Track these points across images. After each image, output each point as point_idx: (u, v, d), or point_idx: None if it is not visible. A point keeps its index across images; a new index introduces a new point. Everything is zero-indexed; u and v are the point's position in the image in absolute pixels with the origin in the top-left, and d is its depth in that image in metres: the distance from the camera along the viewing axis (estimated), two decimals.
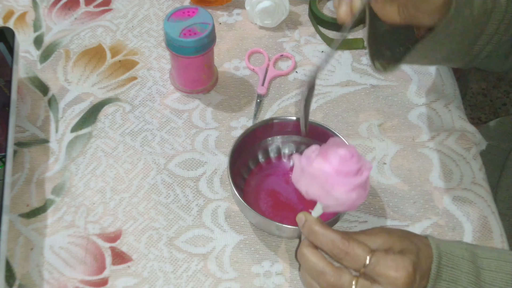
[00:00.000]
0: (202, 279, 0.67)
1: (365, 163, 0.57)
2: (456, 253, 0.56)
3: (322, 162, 0.56)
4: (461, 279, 0.54)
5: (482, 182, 0.74)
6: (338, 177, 0.56)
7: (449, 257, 0.55)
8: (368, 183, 0.58)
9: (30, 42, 0.86)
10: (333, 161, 0.56)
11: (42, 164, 0.75)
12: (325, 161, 0.56)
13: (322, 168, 0.56)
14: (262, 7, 0.85)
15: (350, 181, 0.56)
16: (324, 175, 0.56)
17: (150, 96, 0.81)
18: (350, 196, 0.56)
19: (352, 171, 0.56)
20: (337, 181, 0.56)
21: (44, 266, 0.68)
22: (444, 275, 0.54)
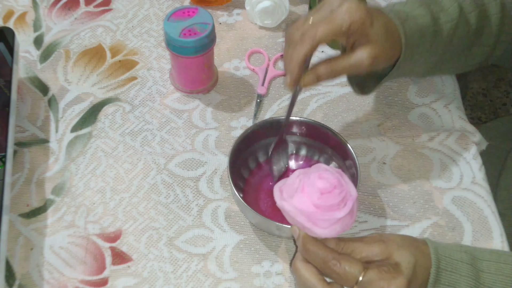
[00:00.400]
0: (202, 279, 0.67)
1: (349, 192, 0.56)
2: (455, 256, 0.55)
3: (302, 198, 0.55)
4: (460, 282, 0.54)
5: (482, 182, 0.74)
6: (319, 212, 0.54)
7: (448, 261, 0.55)
8: (354, 209, 0.56)
9: (30, 42, 0.86)
10: (313, 196, 0.54)
11: (42, 164, 0.75)
12: (305, 197, 0.55)
13: (301, 206, 0.55)
14: (262, 7, 0.85)
15: (332, 215, 0.54)
16: (304, 213, 0.55)
17: (150, 96, 0.81)
18: (334, 229, 0.55)
19: (334, 205, 0.54)
20: (319, 217, 0.54)
21: (44, 266, 0.68)
22: (443, 279, 0.54)
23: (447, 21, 0.65)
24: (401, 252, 0.54)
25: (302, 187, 0.55)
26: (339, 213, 0.54)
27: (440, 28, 0.65)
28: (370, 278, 0.52)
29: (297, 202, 0.55)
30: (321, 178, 0.55)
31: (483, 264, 0.56)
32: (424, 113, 0.80)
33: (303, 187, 0.55)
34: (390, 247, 0.54)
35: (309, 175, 0.56)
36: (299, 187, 0.56)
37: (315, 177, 0.55)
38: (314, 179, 0.55)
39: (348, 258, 0.54)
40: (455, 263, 0.55)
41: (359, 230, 0.70)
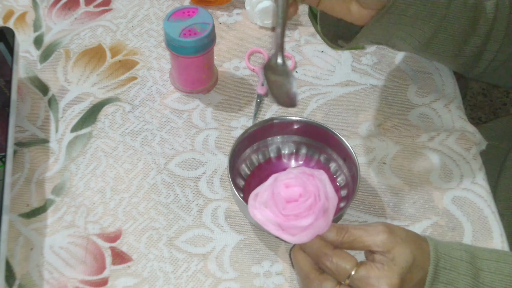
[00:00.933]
0: (202, 279, 0.67)
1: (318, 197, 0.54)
2: (455, 254, 0.55)
3: (272, 207, 0.54)
4: (458, 281, 0.54)
5: (482, 182, 0.74)
6: (287, 221, 0.54)
7: (447, 259, 0.55)
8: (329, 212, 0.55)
9: (30, 42, 0.86)
10: (279, 206, 0.54)
11: (42, 164, 0.75)
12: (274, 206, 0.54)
13: (270, 215, 0.54)
14: (262, 7, 0.85)
15: (299, 223, 0.53)
16: (273, 222, 0.54)
17: (150, 96, 0.81)
18: (303, 235, 0.54)
19: (301, 213, 0.53)
20: (287, 225, 0.54)
21: (44, 266, 0.68)
22: (442, 277, 0.54)
23: None
24: (402, 248, 0.54)
25: (271, 195, 0.55)
26: (305, 220, 0.54)
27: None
28: (362, 274, 0.53)
29: (267, 212, 0.55)
30: (287, 186, 0.54)
31: (483, 263, 0.56)
32: (424, 113, 0.80)
33: (272, 195, 0.55)
34: (393, 240, 0.54)
35: (277, 183, 0.55)
36: (269, 196, 0.55)
37: (281, 185, 0.55)
38: (280, 188, 0.55)
39: (341, 254, 0.54)
40: (454, 261, 0.55)
41: None
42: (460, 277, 0.54)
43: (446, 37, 0.67)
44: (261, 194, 0.56)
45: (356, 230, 0.55)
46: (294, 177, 0.55)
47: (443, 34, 0.66)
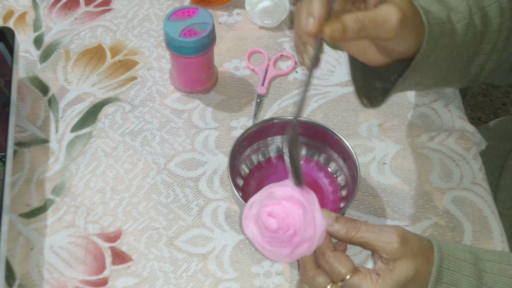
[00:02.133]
0: (202, 279, 0.67)
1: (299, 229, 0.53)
2: (458, 255, 0.55)
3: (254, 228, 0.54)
4: (462, 282, 0.54)
5: (482, 182, 0.74)
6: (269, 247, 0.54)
7: (451, 259, 0.55)
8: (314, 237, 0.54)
9: (30, 42, 0.86)
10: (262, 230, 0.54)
11: (42, 164, 0.75)
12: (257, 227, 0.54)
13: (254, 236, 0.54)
14: (262, 7, 0.85)
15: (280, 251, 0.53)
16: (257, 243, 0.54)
17: (150, 96, 0.81)
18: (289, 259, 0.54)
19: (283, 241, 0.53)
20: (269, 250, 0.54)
21: (44, 266, 0.68)
22: (445, 278, 0.54)
23: (459, 21, 0.61)
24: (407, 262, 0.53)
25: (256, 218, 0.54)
26: (285, 250, 0.54)
27: (454, 28, 0.61)
28: (355, 282, 0.53)
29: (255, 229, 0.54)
30: (269, 215, 0.53)
31: (486, 264, 0.55)
32: (424, 113, 0.80)
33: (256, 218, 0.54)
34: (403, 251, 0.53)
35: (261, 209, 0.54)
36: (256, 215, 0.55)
37: (265, 214, 0.53)
38: (263, 216, 0.53)
39: (339, 257, 0.53)
40: (458, 262, 0.55)
41: None
42: (464, 278, 0.54)
43: (456, 66, 0.65)
44: (254, 207, 0.56)
45: (368, 234, 0.54)
46: (278, 204, 0.54)
47: (452, 67, 0.65)
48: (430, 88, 0.71)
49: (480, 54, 0.67)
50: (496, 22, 0.66)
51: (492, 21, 0.66)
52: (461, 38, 0.62)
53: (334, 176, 0.72)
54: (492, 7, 0.66)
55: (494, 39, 0.67)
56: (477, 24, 0.63)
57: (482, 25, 0.64)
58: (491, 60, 0.69)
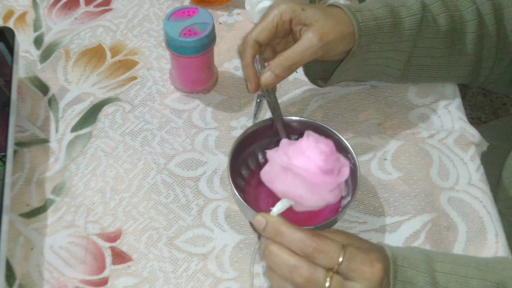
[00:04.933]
0: (202, 279, 0.67)
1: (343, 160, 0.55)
2: (411, 254, 0.55)
3: (304, 160, 0.52)
4: (417, 279, 0.53)
5: (479, 183, 0.74)
6: (322, 175, 0.52)
7: (404, 257, 0.54)
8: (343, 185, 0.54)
9: (30, 42, 0.86)
10: (316, 158, 0.52)
11: (42, 164, 0.75)
12: (308, 159, 0.52)
13: (305, 167, 0.52)
14: (262, 7, 0.85)
15: (333, 179, 0.52)
16: (307, 173, 0.52)
17: (150, 96, 0.81)
18: (334, 195, 0.53)
19: (333, 170, 0.53)
20: (322, 180, 0.52)
21: (44, 266, 0.68)
22: (400, 275, 0.53)
23: (408, 15, 0.68)
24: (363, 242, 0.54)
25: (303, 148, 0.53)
26: (339, 177, 0.53)
27: (401, 21, 0.68)
28: (352, 254, 0.51)
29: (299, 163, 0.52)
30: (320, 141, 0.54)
31: (437, 264, 0.55)
32: (424, 114, 0.80)
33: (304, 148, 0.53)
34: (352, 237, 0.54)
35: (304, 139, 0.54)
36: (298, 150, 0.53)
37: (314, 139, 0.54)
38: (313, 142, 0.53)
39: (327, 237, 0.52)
40: (412, 260, 0.54)
41: (358, 230, 0.70)
42: (419, 275, 0.53)
43: (424, 60, 0.71)
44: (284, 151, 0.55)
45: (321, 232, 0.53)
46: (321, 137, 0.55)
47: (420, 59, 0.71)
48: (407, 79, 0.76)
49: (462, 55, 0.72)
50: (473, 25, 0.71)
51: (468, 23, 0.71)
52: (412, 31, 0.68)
53: None
54: (467, 10, 0.71)
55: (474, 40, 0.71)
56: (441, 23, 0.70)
57: (449, 24, 0.70)
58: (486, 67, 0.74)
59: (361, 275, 0.50)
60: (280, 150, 0.55)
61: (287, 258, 0.51)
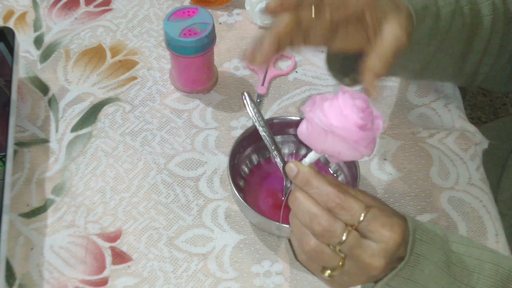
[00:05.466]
0: (202, 279, 0.67)
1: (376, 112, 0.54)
2: (431, 230, 0.54)
3: (342, 118, 0.52)
4: (432, 254, 0.53)
5: (479, 183, 0.74)
6: (360, 132, 0.51)
7: (424, 231, 0.54)
8: None
9: (30, 42, 0.86)
10: (354, 116, 0.51)
11: (42, 164, 0.75)
12: (345, 117, 0.52)
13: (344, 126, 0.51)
14: (262, 7, 0.85)
15: (369, 134, 0.51)
16: (347, 133, 0.51)
17: (150, 96, 0.81)
18: (371, 149, 0.52)
19: (369, 124, 0.52)
20: (360, 137, 0.51)
21: (44, 265, 0.68)
22: (416, 248, 0.53)
23: (445, 5, 0.62)
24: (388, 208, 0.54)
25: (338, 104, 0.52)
26: (375, 131, 0.52)
27: (439, 12, 0.62)
28: (374, 215, 0.51)
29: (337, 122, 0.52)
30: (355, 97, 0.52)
31: (453, 245, 0.55)
32: (424, 113, 0.80)
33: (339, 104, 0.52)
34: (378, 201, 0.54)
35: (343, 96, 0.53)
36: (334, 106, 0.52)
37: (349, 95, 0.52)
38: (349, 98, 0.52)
39: (352, 196, 0.52)
40: (430, 235, 0.54)
41: None
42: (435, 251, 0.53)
43: (444, 58, 0.66)
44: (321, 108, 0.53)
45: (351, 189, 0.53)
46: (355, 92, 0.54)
47: (441, 55, 0.65)
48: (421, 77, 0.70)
49: (473, 52, 0.67)
50: (488, 20, 0.66)
51: (484, 18, 0.66)
52: (446, 23, 0.62)
53: (335, 175, 0.72)
54: (485, 4, 0.66)
55: (486, 37, 0.67)
56: (466, 14, 0.64)
57: (471, 17, 0.64)
58: (486, 64, 0.69)
59: (379, 237, 0.51)
60: (317, 109, 0.54)
61: (310, 206, 0.52)
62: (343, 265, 0.52)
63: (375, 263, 0.51)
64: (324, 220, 0.51)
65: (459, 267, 0.54)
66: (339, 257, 0.52)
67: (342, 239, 0.51)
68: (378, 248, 0.51)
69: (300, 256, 0.55)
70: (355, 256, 0.51)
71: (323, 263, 0.53)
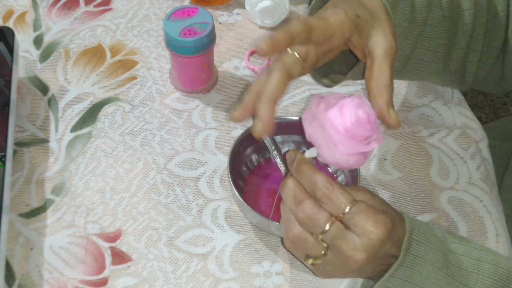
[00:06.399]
0: (202, 279, 0.67)
1: (378, 134, 0.53)
2: (429, 231, 0.55)
3: (337, 115, 0.52)
4: (429, 255, 0.53)
5: (479, 182, 0.74)
6: (344, 137, 0.51)
7: (421, 232, 0.54)
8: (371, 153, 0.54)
9: (30, 41, 0.86)
10: (347, 119, 0.51)
11: (42, 164, 0.75)
12: (340, 116, 0.52)
13: (333, 121, 0.51)
14: (262, 6, 0.85)
15: (354, 145, 0.51)
16: (332, 129, 0.52)
17: (150, 96, 0.81)
18: (348, 159, 0.52)
19: (361, 137, 0.52)
20: (341, 141, 0.51)
21: (43, 266, 0.67)
22: (413, 249, 0.53)
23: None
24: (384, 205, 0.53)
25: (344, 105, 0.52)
26: (361, 147, 0.52)
27: (414, 1, 0.61)
28: (359, 209, 0.51)
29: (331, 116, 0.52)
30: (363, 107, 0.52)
31: (451, 245, 0.55)
32: (424, 113, 0.80)
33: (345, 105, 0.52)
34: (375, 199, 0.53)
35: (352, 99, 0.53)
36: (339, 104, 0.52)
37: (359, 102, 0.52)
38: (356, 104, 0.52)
39: (341, 188, 0.52)
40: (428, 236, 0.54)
41: None
42: (432, 252, 0.53)
43: (426, 54, 0.65)
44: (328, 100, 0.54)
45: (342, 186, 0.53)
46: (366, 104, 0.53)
47: (421, 51, 0.65)
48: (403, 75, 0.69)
49: (456, 47, 0.66)
50: (469, 15, 0.65)
51: (464, 13, 0.65)
52: (422, 15, 0.61)
53: (335, 176, 0.72)
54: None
55: (468, 32, 0.66)
56: (444, 7, 0.63)
57: (450, 10, 0.63)
58: (471, 62, 0.68)
59: (362, 231, 0.50)
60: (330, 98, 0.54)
61: (297, 193, 0.53)
62: (325, 254, 0.52)
63: (356, 256, 0.50)
64: (308, 208, 0.51)
65: (458, 268, 0.54)
66: (322, 247, 0.52)
67: (325, 228, 0.51)
68: (360, 241, 0.50)
69: (286, 242, 0.56)
70: (336, 247, 0.51)
71: (306, 251, 0.53)
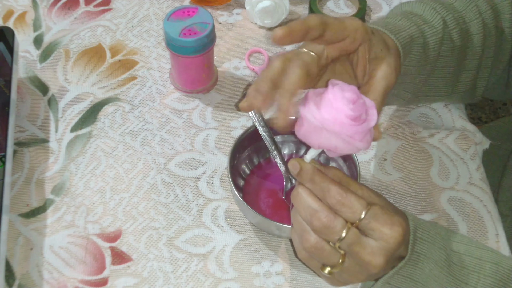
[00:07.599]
0: (202, 279, 0.67)
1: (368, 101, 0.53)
2: (432, 229, 0.55)
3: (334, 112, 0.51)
4: (433, 253, 0.53)
5: (479, 183, 0.74)
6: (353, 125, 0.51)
7: (425, 230, 0.54)
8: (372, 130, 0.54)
9: (29, 41, 0.86)
10: (344, 109, 0.51)
11: (42, 164, 0.75)
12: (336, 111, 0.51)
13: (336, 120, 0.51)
14: (262, 6, 0.85)
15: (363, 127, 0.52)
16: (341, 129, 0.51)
17: (150, 95, 0.81)
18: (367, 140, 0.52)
19: (362, 116, 0.51)
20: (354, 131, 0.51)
21: (43, 266, 0.67)
22: (417, 247, 0.53)
23: (432, 34, 0.63)
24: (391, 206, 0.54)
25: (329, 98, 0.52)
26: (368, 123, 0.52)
27: (427, 41, 0.62)
28: (375, 213, 0.51)
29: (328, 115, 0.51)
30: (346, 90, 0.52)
31: (453, 244, 0.55)
32: (424, 113, 0.80)
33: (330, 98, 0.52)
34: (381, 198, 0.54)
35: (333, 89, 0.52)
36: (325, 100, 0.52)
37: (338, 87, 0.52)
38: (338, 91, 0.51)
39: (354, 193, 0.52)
40: (431, 234, 0.54)
41: None
42: (436, 250, 0.54)
43: (436, 82, 0.67)
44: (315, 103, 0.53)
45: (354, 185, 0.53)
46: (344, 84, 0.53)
47: (432, 80, 0.66)
48: (414, 102, 0.71)
49: (465, 71, 0.68)
50: (478, 38, 0.67)
51: (474, 37, 0.66)
52: (435, 51, 0.63)
53: None
54: (473, 23, 0.66)
55: (478, 55, 0.67)
56: (454, 38, 0.64)
57: (461, 40, 0.65)
58: (482, 78, 0.70)
59: (379, 235, 0.51)
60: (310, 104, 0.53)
61: (311, 202, 0.52)
62: (343, 262, 0.52)
63: (375, 261, 0.51)
64: (324, 216, 0.51)
65: (459, 266, 0.54)
66: (339, 254, 0.52)
67: (341, 235, 0.51)
68: (378, 246, 0.51)
69: (301, 253, 0.55)
70: (354, 253, 0.51)
71: (323, 260, 0.53)
